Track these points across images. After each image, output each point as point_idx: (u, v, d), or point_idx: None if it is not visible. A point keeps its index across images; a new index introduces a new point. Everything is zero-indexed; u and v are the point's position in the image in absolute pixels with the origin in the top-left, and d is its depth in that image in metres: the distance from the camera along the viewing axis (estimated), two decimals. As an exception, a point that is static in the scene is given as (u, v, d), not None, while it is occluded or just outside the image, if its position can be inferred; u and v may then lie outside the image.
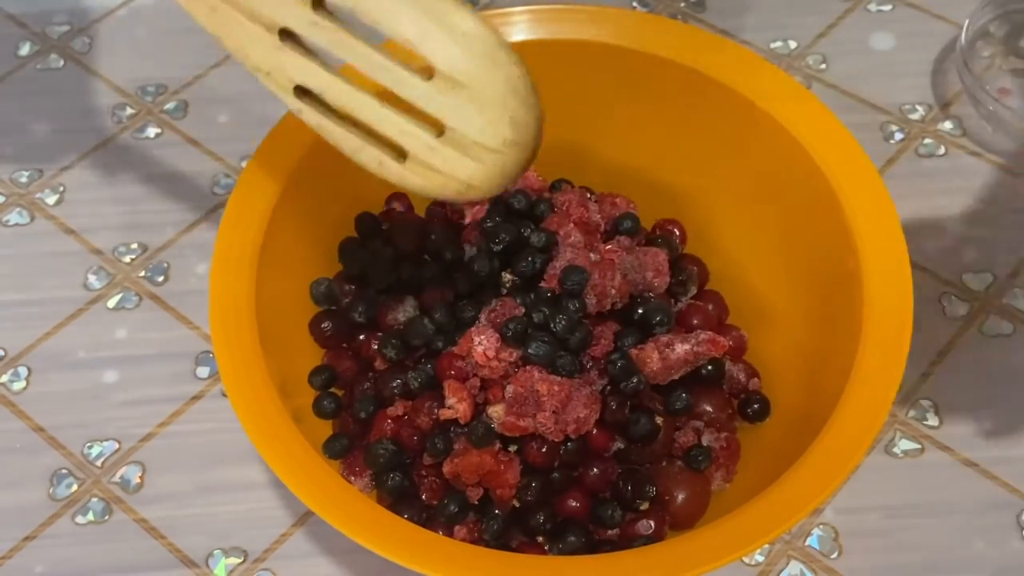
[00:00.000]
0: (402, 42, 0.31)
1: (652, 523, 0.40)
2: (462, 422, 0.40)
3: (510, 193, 0.46)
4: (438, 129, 0.32)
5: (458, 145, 0.32)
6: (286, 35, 0.33)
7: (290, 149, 0.43)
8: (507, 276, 0.43)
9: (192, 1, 0.34)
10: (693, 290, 0.47)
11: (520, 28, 0.46)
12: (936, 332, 0.49)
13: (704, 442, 0.42)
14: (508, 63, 0.31)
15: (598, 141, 0.49)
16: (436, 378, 0.41)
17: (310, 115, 0.34)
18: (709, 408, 0.43)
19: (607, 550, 0.39)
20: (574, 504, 0.40)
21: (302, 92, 0.34)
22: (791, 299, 0.45)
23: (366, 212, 0.47)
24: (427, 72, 0.32)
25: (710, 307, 0.46)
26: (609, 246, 0.43)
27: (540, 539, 0.41)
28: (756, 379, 0.44)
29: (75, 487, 0.45)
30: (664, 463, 0.42)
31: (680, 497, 0.41)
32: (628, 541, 0.40)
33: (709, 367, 0.43)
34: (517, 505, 0.41)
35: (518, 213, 0.46)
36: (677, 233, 0.48)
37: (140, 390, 0.48)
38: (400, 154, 0.33)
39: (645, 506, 0.41)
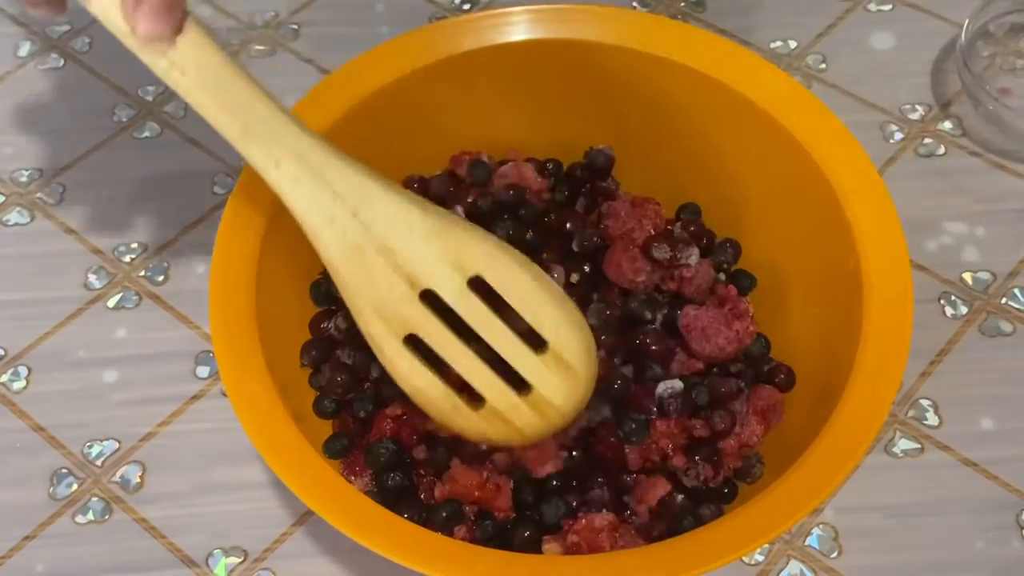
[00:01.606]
0: (536, 326, 0.36)
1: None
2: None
3: (520, 203, 0.46)
4: (521, 389, 0.36)
5: (536, 406, 0.36)
6: (425, 295, 0.35)
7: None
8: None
9: (336, 244, 0.35)
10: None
11: (520, 28, 0.46)
12: (936, 332, 0.49)
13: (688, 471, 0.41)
14: (596, 354, 0.37)
15: (596, 140, 0.49)
16: None
17: (406, 361, 0.36)
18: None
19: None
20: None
21: (408, 340, 0.36)
22: (791, 299, 0.45)
23: None
24: (535, 344, 0.36)
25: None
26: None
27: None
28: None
29: (75, 487, 0.45)
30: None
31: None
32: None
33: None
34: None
35: (527, 223, 0.46)
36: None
37: (140, 390, 0.48)
38: (476, 401, 0.37)
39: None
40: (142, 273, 0.52)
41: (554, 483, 0.41)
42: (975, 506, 0.44)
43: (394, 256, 0.35)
